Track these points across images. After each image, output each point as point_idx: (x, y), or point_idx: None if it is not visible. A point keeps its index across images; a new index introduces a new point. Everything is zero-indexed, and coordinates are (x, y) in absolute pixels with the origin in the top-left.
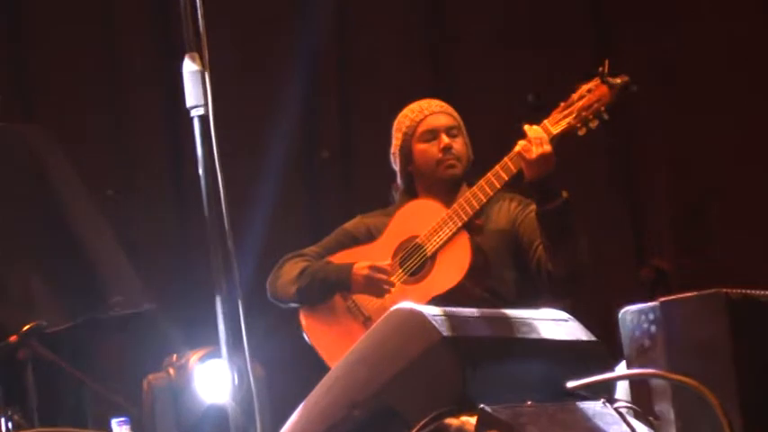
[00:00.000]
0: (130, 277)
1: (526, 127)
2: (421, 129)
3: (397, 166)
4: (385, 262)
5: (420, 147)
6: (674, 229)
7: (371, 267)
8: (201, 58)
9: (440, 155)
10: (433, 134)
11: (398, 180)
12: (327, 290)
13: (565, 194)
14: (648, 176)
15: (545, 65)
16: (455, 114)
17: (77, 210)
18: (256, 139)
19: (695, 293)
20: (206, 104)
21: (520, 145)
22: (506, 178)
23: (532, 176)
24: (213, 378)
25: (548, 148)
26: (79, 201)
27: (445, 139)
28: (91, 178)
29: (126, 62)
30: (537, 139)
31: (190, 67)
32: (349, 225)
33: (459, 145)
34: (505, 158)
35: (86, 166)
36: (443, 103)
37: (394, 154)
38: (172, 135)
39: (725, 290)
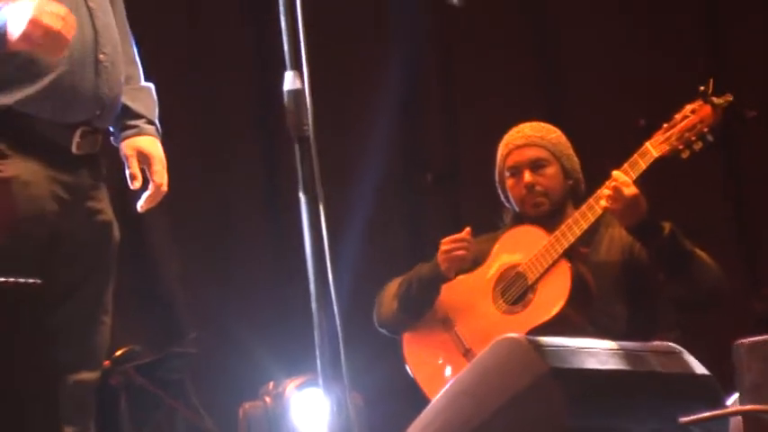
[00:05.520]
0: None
1: (614, 173)
2: (507, 163)
3: (500, 192)
4: (462, 233)
5: (509, 182)
6: None
7: (446, 242)
8: (302, 76)
9: (524, 192)
10: (517, 170)
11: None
12: (425, 289)
13: (668, 226)
14: (763, 204)
15: (659, 88)
16: (545, 142)
17: (159, 247)
18: (356, 161)
19: None
20: (307, 125)
21: (604, 195)
22: (601, 211)
23: (625, 224)
24: (310, 407)
25: (632, 192)
26: (162, 237)
27: (527, 176)
28: (184, 203)
29: (225, 96)
30: (619, 186)
31: (290, 86)
32: None
33: (546, 178)
34: (601, 189)
35: (177, 191)
36: (532, 133)
37: (496, 181)
38: (268, 158)
39: None
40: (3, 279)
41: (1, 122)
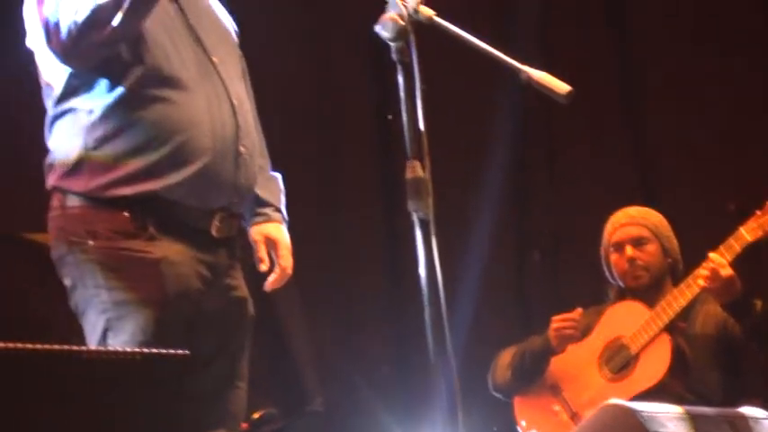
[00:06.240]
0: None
1: (711, 255)
2: (613, 240)
3: (605, 268)
4: (573, 313)
5: (613, 257)
6: None
7: (558, 320)
8: (423, 166)
9: (626, 266)
10: (620, 246)
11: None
12: (536, 361)
13: (759, 304)
14: None
15: (748, 173)
16: (647, 222)
17: (290, 317)
18: (466, 239)
19: None
20: (427, 210)
21: (702, 275)
22: (699, 290)
23: (721, 302)
24: None
25: (728, 273)
26: (291, 308)
27: (629, 251)
28: (312, 275)
29: (347, 163)
30: (716, 268)
31: (412, 174)
32: None
33: (646, 255)
34: (699, 269)
35: (306, 264)
36: (636, 213)
37: (602, 257)
38: (390, 238)
39: None
40: (154, 351)
41: (149, 207)
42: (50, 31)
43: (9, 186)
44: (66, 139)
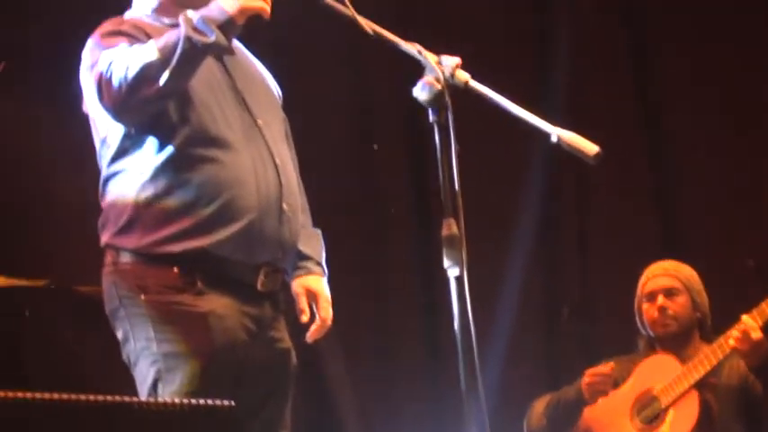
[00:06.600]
0: None
1: (743, 317)
2: (646, 290)
3: (637, 318)
4: (605, 368)
5: (644, 306)
6: None
7: (590, 374)
8: (458, 224)
9: (656, 314)
10: (652, 296)
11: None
12: (570, 411)
13: None
14: None
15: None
16: (679, 275)
17: (335, 376)
18: (497, 294)
19: None
20: (461, 267)
21: (733, 336)
22: (729, 350)
23: (748, 364)
24: None
25: (758, 336)
26: (337, 367)
27: (660, 300)
28: (354, 332)
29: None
30: (747, 330)
31: (447, 231)
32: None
33: (676, 305)
34: (731, 330)
35: (348, 324)
36: (669, 266)
37: (635, 307)
38: (427, 291)
39: None
40: (201, 401)
41: (198, 263)
42: (103, 88)
43: (67, 244)
44: (119, 198)
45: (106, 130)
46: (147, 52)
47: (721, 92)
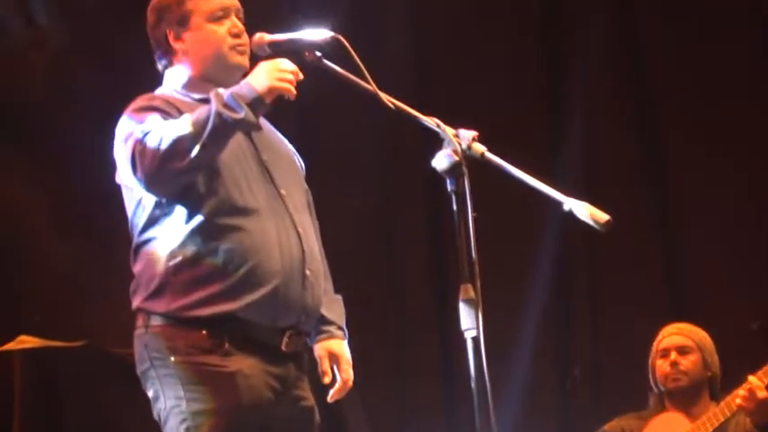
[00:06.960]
0: None
1: (750, 378)
2: (660, 347)
3: (650, 376)
4: None
5: (657, 362)
6: None
7: None
8: (475, 289)
9: (668, 369)
10: (666, 352)
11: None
12: None
13: None
14: None
15: None
16: (693, 335)
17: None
18: (507, 358)
19: None
20: (478, 329)
21: (740, 395)
22: (736, 408)
23: (754, 422)
24: None
25: (764, 395)
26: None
27: (673, 355)
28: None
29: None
30: (753, 389)
31: (465, 296)
32: (608, 426)
33: (688, 362)
34: (737, 389)
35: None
36: (684, 327)
37: (649, 365)
38: (445, 351)
39: None
40: None
41: (225, 325)
42: (136, 160)
43: (102, 308)
44: (150, 265)
45: (137, 202)
46: (182, 126)
47: (735, 161)
